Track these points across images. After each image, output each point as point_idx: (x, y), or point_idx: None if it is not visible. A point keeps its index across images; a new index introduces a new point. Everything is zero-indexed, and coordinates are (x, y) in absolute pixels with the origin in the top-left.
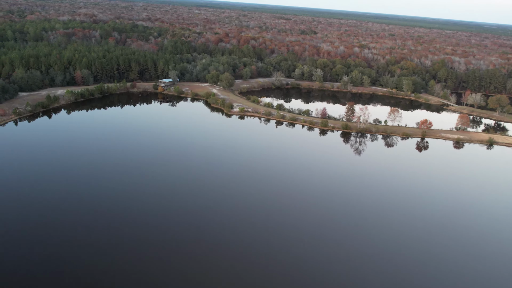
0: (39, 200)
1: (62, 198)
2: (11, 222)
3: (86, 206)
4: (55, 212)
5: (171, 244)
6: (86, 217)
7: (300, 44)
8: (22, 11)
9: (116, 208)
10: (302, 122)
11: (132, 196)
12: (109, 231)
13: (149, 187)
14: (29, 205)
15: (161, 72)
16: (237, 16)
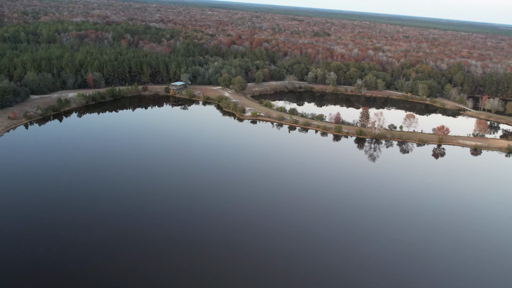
0: (48, 202)
1: (73, 199)
2: (26, 224)
3: (97, 208)
4: (66, 213)
5: (184, 245)
6: (99, 218)
7: (313, 46)
8: (36, 12)
9: (127, 209)
10: (316, 127)
11: (143, 198)
12: (122, 231)
13: (159, 190)
14: (38, 207)
15: (173, 75)
16: (250, 18)
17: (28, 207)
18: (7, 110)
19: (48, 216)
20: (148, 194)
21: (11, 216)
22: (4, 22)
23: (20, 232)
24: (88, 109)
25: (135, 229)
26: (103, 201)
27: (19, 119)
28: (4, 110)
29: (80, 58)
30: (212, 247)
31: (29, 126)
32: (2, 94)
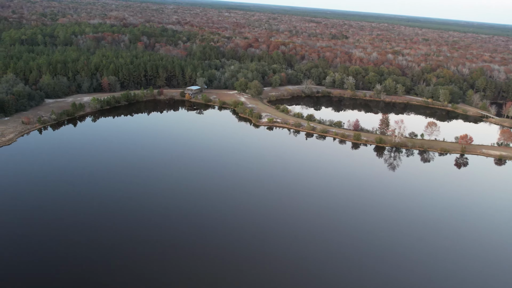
0: (61, 208)
1: (87, 205)
2: (41, 228)
3: (113, 212)
4: (82, 218)
5: (201, 250)
6: (115, 222)
7: (331, 50)
8: (54, 14)
9: (143, 213)
10: (334, 134)
11: (157, 203)
12: (138, 234)
13: (174, 196)
14: (51, 213)
15: (188, 78)
16: (267, 19)
17: (41, 213)
18: (21, 115)
19: (63, 221)
20: (162, 199)
21: (25, 220)
22: (22, 24)
23: (36, 236)
24: (102, 113)
25: (152, 232)
26: (118, 205)
27: (33, 124)
28: (19, 114)
29: (96, 61)
30: (228, 253)
31: (42, 131)
32: (17, 98)
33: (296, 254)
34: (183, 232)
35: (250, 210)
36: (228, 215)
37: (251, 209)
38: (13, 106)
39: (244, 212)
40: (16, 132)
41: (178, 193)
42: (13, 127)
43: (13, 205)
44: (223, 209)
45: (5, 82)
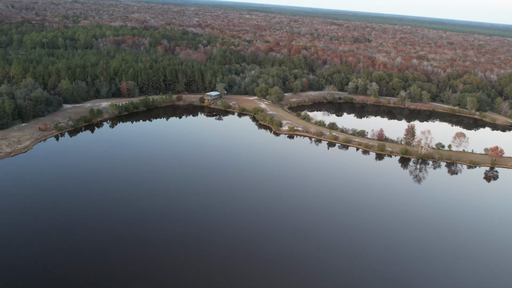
0: (75, 217)
1: (101, 213)
2: (57, 235)
3: (130, 219)
4: (98, 224)
5: (220, 258)
6: (132, 227)
7: (354, 54)
8: (77, 16)
9: (159, 219)
10: (357, 144)
11: (174, 210)
12: (152, 238)
13: (191, 203)
14: (66, 221)
15: (208, 84)
16: (288, 22)
17: (54, 222)
18: (38, 120)
19: (79, 228)
20: (180, 206)
21: (37, 229)
22: (44, 26)
23: (50, 242)
24: (120, 119)
25: (172, 236)
26: (136, 213)
27: (50, 131)
28: (36, 120)
29: (115, 65)
30: (247, 263)
31: (59, 137)
32: (35, 104)
33: (322, 274)
34: (201, 237)
35: (269, 221)
36: (246, 224)
37: (270, 220)
38: (31, 112)
39: (263, 223)
40: (33, 139)
41: (197, 201)
42: (29, 133)
43: (25, 216)
44: (242, 219)
45: (24, 86)
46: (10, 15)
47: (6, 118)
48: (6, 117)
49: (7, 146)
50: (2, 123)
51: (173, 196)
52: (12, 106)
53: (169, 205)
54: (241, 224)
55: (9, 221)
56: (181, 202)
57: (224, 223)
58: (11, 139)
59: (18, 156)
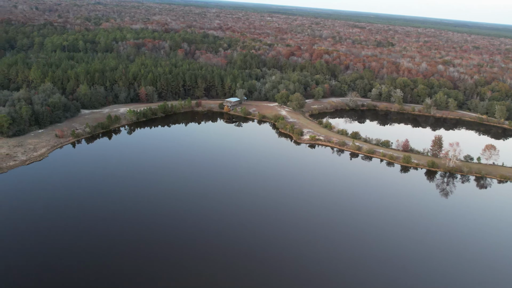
0: (91, 228)
1: (117, 222)
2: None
3: (147, 228)
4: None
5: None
6: (148, 235)
7: (377, 59)
8: (98, 18)
9: (176, 227)
10: (381, 155)
11: (189, 218)
12: (169, 245)
13: (207, 212)
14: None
15: (228, 89)
16: (309, 24)
17: (68, 234)
18: (56, 127)
19: (96, 238)
20: (197, 214)
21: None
22: (66, 28)
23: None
24: (138, 125)
25: (186, 242)
26: (152, 222)
27: (67, 138)
28: (53, 126)
29: (134, 70)
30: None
31: (76, 144)
32: (52, 110)
33: None
34: (221, 244)
35: (288, 232)
36: (264, 233)
37: (290, 231)
38: (48, 118)
39: (282, 233)
40: (49, 146)
41: (216, 209)
42: (46, 140)
43: (36, 228)
44: (261, 228)
45: (42, 91)
46: (33, 17)
47: (23, 124)
48: (23, 123)
49: (22, 153)
50: (19, 130)
51: (191, 205)
52: (29, 112)
53: (187, 213)
54: (260, 233)
55: (20, 232)
56: (199, 210)
57: (243, 231)
58: (27, 146)
59: (33, 164)
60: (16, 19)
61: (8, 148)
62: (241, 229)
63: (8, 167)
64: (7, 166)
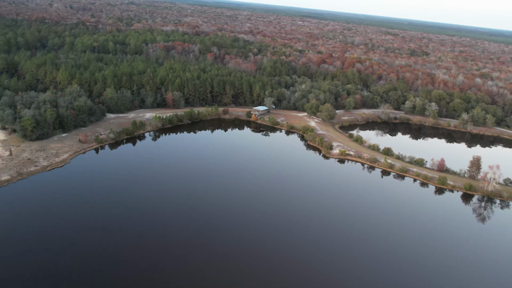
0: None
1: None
2: None
3: (168, 240)
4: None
5: None
6: (172, 247)
7: (411, 70)
8: (130, 19)
9: (199, 236)
10: (414, 175)
11: (212, 227)
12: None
13: (231, 222)
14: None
15: (256, 97)
16: (341, 30)
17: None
18: (80, 131)
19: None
20: (219, 226)
21: None
22: (98, 29)
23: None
24: (163, 132)
25: (215, 255)
26: (174, 232)
27: (90, 143)
28: (77, 130)
29: (162, 75)
30: None
31: (99, 150)
32: (77, 114)
33: None
34: (247, 257)
35: (312, 252)
36: (287, 252)
37: (314, 251)
38: (72, 122)
39: (304, 253)
40: (71, 152)
41: (240, 221)
42: (69, 145)
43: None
44: (282, 245)
45: (69, 94)
46: (66, 16)
47: (47, 128)
48: (47, 126)
49: (44, 159)
50: (42, 133)
51: (214, 215)
52: (54, 116)
53: (210, 223)
54: (284, 250)
55: (32, 242)
56: (223, 222)
57: (267, 246)
58: (49, 151)
59: (54, 170)
60: (49, 17)
61: (30, 153)
62: (266, 244)
63: (28, 172)
64: (28, 171)
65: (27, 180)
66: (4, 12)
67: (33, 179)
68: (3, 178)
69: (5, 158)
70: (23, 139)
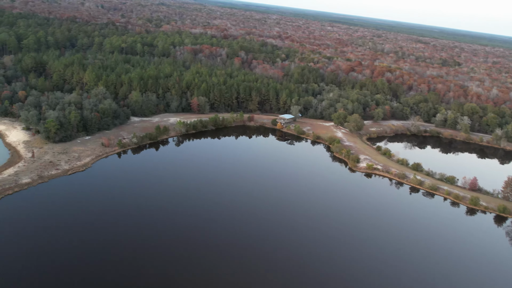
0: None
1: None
2: None
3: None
4: None
5: None
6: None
7: (443, 81)
8: (160, 20)
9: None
10: (445, 193)
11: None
12: None
13: (251, 232)
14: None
15: (282, 104)
16: (370, 37)
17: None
18: (103, 134)
19: None
20: (238, 232)
21: None
22: (127, 29)
23: None
24: (187, 137)
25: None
26: (196, 238)
27: (112, 147)
28: (101, 133)
29: (188, 79)
30: None
31: (121, 155)
32: (101, 116)
33: None
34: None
35: (339, 269)
36: (312, 268)
37: (341, 269)
38: (96, 125)
39: (332, 271)
40: (93, 155)
41: (260, 233)
42: (91, 149)
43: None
44: (306, 259)
45: (94, 95)
46: (97, 16)
47: (70, 130)
48: (71, 129)
49: (66, 162)
50: (65, 135)
51: (235, 223)
52: (78, 118)
53: (231, 231)
54: (313, 267)
55: (47, 249)
56: (245, 231)
57: (291, 262)
58: (71, 154)
59: (75, 174)
60: (80, 16)
61: (53, 155)
62: (292, 259)
63: (49, 176)
64: (49, 175)
65: (47, 184)
66: (37, 10)
67: (54, 183)
68: (23, 181)
69: (27, 160)
70: (46, 140)
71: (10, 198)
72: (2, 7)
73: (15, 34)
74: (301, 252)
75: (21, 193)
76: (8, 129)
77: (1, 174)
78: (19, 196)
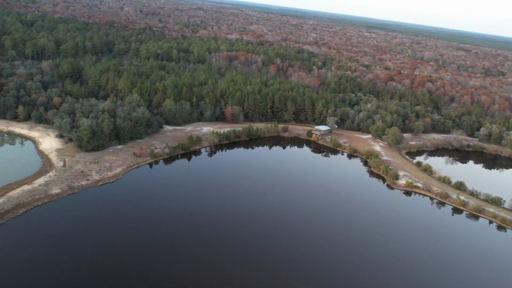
0: None
1: None
2: None
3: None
4: None
5: None
6: None
7: (488, 93)
8: (197, 25)
9: None
10: (491, 216)
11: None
12: None
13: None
14: None
15: (318, 115)
16: (409, 44)
17: None
18: (135, 143)
19: None
20: (269, 249)
21: None
22: (164, 34)
23: None
24: (220, 148)
25: None
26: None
27: (144, 157)
28: (133, 142)
29: (223, 87)
30: None
31: (153, 165)
32: (134, 125)
33: None
34: None
35: None
36: None
37: None
38: (129, 134)
39: None
40: (125, 166)
41: (297, 250)
42: (123, 158)
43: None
44: None
45: (128, 103)
46: (135, 20)
47: (102, 139)
48: (103, 137)
49: (97, 172)
50: (98, 144)
51: (266, 239)
52: (111, 126)
53: (262, 247)
54: None
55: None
56: (277, 248)
57: None
58: (103, 164)
59: (105, 186)
60: (119, 21)
61: (84, 165)
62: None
63: (79, 187)
64: (79, 186)
65: (77, 195)
66: (77, 14)
67: (83, 194)
68: (53, 192)
69: (58, 169)
70: (79, 149)
71: (39, 209)
72: (45, 11)
73: (54, 39)
74: (339, 275)
75: (50, 204)
76: (42, 136)
77: (32, 183)
78: (48, 207)
